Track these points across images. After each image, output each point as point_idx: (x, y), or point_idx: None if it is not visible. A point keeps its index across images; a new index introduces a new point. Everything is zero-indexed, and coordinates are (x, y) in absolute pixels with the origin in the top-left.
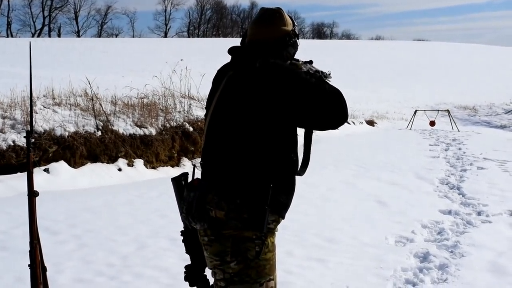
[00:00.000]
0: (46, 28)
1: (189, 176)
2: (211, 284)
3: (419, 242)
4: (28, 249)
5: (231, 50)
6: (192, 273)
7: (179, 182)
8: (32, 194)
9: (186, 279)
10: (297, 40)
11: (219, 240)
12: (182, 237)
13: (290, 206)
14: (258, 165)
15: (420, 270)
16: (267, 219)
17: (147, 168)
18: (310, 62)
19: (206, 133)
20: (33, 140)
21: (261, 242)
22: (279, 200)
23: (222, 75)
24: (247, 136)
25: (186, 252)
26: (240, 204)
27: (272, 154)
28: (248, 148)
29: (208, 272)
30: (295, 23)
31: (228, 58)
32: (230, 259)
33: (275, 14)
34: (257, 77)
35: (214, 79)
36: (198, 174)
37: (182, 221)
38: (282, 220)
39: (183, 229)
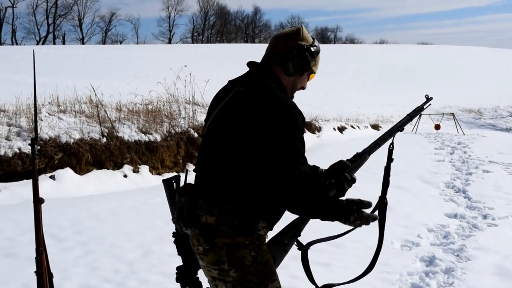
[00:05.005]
0: (50, 36)
1: (181, 179)
2: (203, 285)
3: (425, 246)
4: (34, 256)
5: (249, 65)
6: (184, 274)
7: (170, 184)
8: (38, 201)
9: (177, 280)
10: (308, 56)
11: (213, 249)
12: (173, 238)
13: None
14: (251, 176)
15: (426, 274)
16: (257, 226)
17: (152, 174)
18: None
19: (203, 139)
20: (38, 147)
21: (256, 246)
22: (270, 210)
23: (231, 86)
24: (241, 148)
25: (178, 254)
26: (231, 210)
27: (264, 170)
28: (241, 158)
29: (200, 274)
30: (315, 43)
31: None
32: (228, 267)
33: (292, 29)
34: (256, 101)
35: (223, 88)
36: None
37: (174, 223)
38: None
39: (174, 231)
